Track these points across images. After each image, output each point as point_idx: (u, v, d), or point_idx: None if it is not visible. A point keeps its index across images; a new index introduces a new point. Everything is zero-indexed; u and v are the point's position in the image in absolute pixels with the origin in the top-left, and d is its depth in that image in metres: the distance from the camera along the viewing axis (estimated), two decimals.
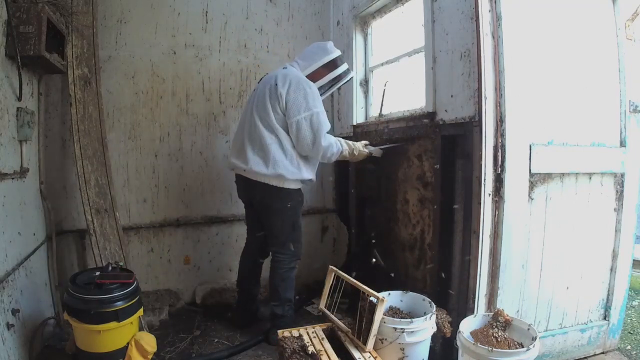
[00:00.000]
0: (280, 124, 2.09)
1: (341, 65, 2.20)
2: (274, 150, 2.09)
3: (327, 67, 2.18)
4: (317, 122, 2.05)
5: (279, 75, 2.11)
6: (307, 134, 2.05)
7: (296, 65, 2.20)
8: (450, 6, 1.94)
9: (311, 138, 2.06)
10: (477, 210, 1.78)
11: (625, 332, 2.41)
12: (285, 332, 1.86)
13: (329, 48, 2.19)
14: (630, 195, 2.05)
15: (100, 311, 1.73)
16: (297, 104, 2.03)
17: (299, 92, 2.04)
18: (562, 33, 1.88)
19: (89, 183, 2.26)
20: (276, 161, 2.08)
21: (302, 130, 2.04)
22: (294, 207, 2.21)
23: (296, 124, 2.04)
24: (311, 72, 2.17)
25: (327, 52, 2.18)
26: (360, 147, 2.28)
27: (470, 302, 1.82)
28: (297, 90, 2.04)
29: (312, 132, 2.05)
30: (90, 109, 2.34)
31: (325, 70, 2.18)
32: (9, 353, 1.68)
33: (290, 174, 2.11)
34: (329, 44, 2.22)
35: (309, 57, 2.19)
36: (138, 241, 2.75)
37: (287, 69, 2.16)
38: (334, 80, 2.22)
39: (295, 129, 2.05)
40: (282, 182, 2.12)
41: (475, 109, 1.79)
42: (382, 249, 2.60)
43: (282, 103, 2.05)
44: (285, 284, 2.26)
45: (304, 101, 2.03)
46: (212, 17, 2.85)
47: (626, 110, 2.02)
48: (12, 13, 1.77)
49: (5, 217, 1.78)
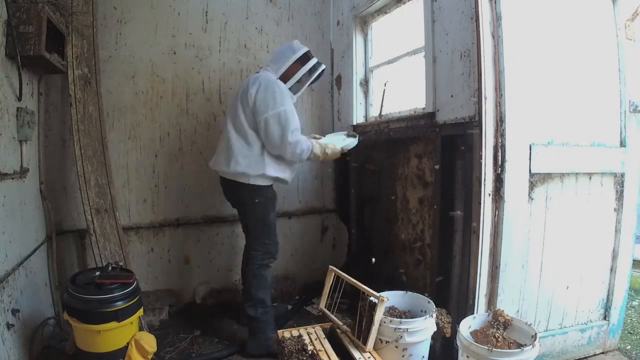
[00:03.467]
0: (248, 124, 2.16)
1: (312, 59, 2.27)
2: (236, 150, 2.17)
3: (298, 62, 2.24)
4: (285, 119, 2.10)
5: (251, 78, 2.22)
6: (274, 130, 2.10)
7: (269, 68, 2.27)
8: (450, 6, 1.93)
9: (279, 134, 2.10)
10: (477, 210, 1.78)
11: (625, 332, 2.40)
12: (285, 332, 1.86)
13: (295, 46, 2.28)
14: (630, 195, 2.05)
15: (100, 311, 1.73)
16: (265, 102, 2.11)
17: (267, 92, 2.12)
18: (562, 33, 1.88)
19: (89, 183, 2.26)
20: (237, 160, 2.17)
21: (270, 126, 2.10)
22: (262, 203, 2.24)
23: (264, 121, 2.11)
24: (284, 71, 2.23)
25: (294, 50, 2.25)
26: (333, 147, 2.30)
27: (470, 302, 1.82)
28: (266, 89, 2.13)
29: (280, 129, 2.10)
30: (90, 109, 2.34)
31: (297, 65, 2.24)
32: (9, 353, 1.68)
33: (253, 170, 2.17)
34: (294, 42, 2.31)
35: (279, 59, 2.27)
36: (138, 241, 2.75)
37: (259, 73, 2.27)
38: (307, 74, 2.27)
39: (263, 126, 2.11)
40: (247, 179, 2.19)
41: (475, 109, 1.79)
42: (382, 249, 2.61)
43: (251, 103, 2.13)
44: (257, 281, 2.24)
45: (272, 100, 2.11)
46: (212, 17, 2.85)
47: (626, 110, 2.02)
48: (12, 13, 1.77)
49: (5, 217, 1.78)
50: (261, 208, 2.25)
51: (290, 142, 2.11)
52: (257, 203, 2.23)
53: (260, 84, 2.14)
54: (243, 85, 2.24)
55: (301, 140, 2.16)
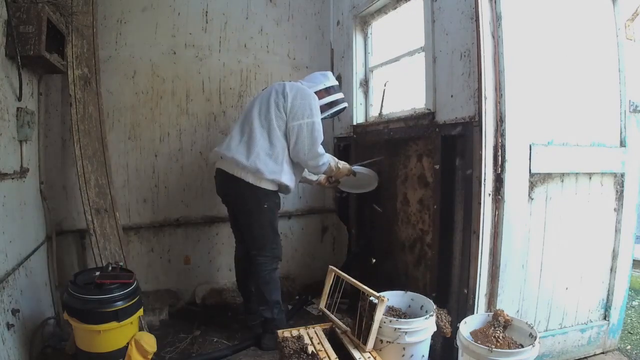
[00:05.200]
0: (277, 122, 2.14)
1: (338, 92, 2.38)
2: (260, 145, 2.13)
3: (327, 91, 2.33)
4: (318, 131, 2.14)
5: (287, 83, 2.24)
6: (305, 138, 2.12)
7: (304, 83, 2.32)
8: (450, 6, 1.94)
9: (309, 143, 2.13)
10: (477, 210, 1.78)
11: (625, 332, 2.41)
12: (285, 332, 1.86)
13: (329, 76, 2.39)
14: (630, 195, 2.05)
15: (100, 311, 1.73)
16: (302, 109, 2.13)
17: (305, 99, 2.15)
18: (562, 33, 1.88)
19: (89, 183, 2.26)
20: (259, 155, 2.11)
21: (303, 133, 2.12)
22: (270, 208, 2.21)
23: (298, 127, 2.12)
24: (316, 92, 2.27)
25: (328, 79, 2.36)
26: (344, 164, 2.39)
27: (470, 302, 1.82)
28: (304, 97, 2.16)
29: (311, 138, 2.13)
30: (90, 109, 2.34)
31: (325, 93, 2.32)
32: (9, 353, 1.68)
33: (269, 172, 2.12)
34: (328, 73, 2.42)
35: (312, 80, 2.35)
36: (138, 241, 2.75)
37: (295, 82, 2.31)
38: (331, 104, 2.35)
39: (296, 131, 2.12)
40: (259, 180, 2.13)
41: (475, 109, 1.79)
42: (382, 249, 2.61)
43: (287, 104, 2.14)
44: (270, 286, 2.24)
45: (309, 108, 2.14)
46: (212, 17, 2.85)
47: (626, 110, 2.02)
48: (12, 13, 1.77)
49: (5, 217, 1.78)
50: (269, 214, 2.21)
51: (319, 153, 2.16)
52: (266, 209, 2.19)
53: (299, 90, 2.18)
54: (276, 87, 2.22)
55: (324, 154, 2.20)
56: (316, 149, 2.14)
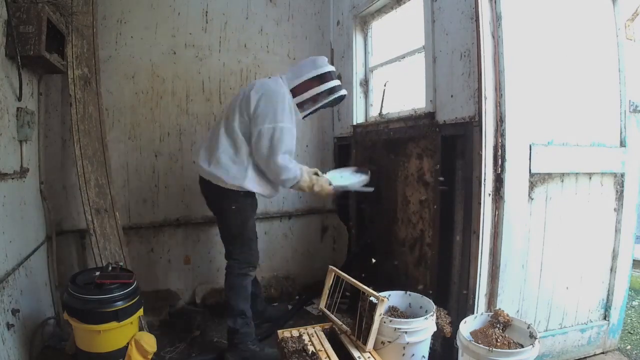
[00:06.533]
0: (241, 128, 2.02)
1: (330, 81, 2.10)
2: (222, 149, 2.04)
3: (316, 79, 2.09)
4: (278, 139, 1.96)
5: (257, 82, 2.10)
6: (264, 146, 1.97)
7: (284, 77, 2.13)
8: (450, 6, 1.93)
9: (267, 151, 1.97)
10: (477, 210, 1.78)
11: (625, 332, 2.40)
12: (285, 332, 1.86)
13: (319, 62, 2.12)
14: (630, 195, 2.05)
15: (100, 311, 1.73)
16: (264, 114, 1.97)
17: (269, 103, 1.99)
18: (562, 33, 1.88)
19: (89, 183, 2.26)
20: (219, 160, 2.03)
21: (262, 140, 1.96)
22: (240, 209, 2.10)
23: (258, 133, 1.97)
24: (297, 85, 2.09)
25: (316, 66, 2.10)
26: (324, 184, 2.15)
27: (470, 302, 1.82)
28: (269, 100, 1.99)
29: (269, 145, 1.96)
30: (90, 109, 2.34)
31: (314, 82, 2.09)
32: (9, 353, 1.68)
33: (230, 178, 2.03)
34: (319, 58, 2.15)
35: (298, 70, 2.13)
36: (138, 241, 2.75)
37: (269, 79, 2.13)
38: (326, 94, 2.11)
39: (256, 137, 1.98)
40: (224, 183, 2.05)
41: (475, 109, 1.79)
42: (382, 249, 2.61)
43: (250, 108, 2.00)
44: (234, 292, 2.11)
45: (272, 113, 1.97)
46: (212, 17, 2.85)
47: (626, 110, 2.02)
48: (12, 13, 1.77)
49: (5, 217, 1.78)
50: (239, 216, 2.11)
51: (277, 165, 1.97)
52: (234, 210, 2.09)
53: (264, 93, 2.01)
54: (247, 87, 2.12)
55: (290, 167, 2.00)
56: (275, 159, 1.95)
